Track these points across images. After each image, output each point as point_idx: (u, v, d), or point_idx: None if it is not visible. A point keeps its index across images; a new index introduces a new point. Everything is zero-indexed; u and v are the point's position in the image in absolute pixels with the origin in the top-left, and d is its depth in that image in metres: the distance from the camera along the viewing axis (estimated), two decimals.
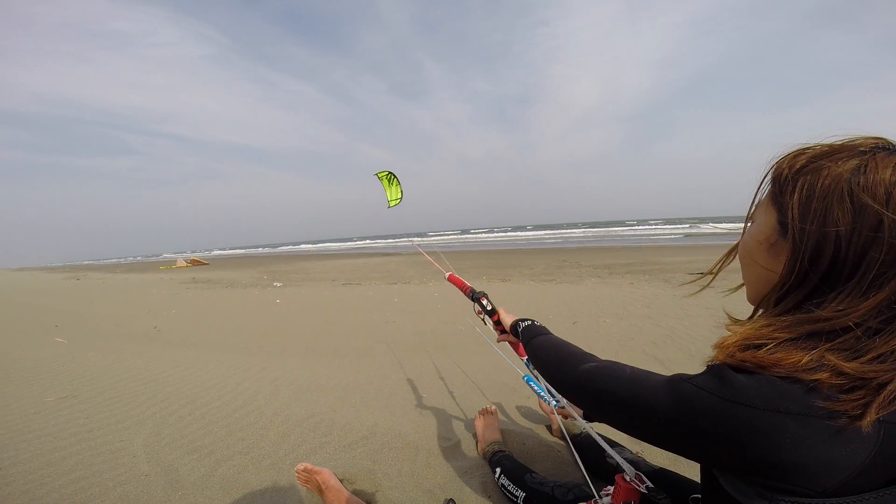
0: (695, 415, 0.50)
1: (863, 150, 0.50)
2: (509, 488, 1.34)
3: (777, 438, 0.45)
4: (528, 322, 1.05)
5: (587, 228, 43.41)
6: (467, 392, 2.45)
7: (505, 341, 1.24)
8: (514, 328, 1.10)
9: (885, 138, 0.52)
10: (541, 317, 1.13)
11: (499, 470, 1.43)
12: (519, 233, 45.66)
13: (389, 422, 2.09)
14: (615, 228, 37.51)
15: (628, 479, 0.94)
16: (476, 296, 1.28)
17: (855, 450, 0.45)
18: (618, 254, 12.44)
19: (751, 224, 0.61)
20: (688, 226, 32.06)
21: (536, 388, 1.62)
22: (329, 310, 5.68)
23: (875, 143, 0.51)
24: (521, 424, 1.98)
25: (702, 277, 0.72)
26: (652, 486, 0.92)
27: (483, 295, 1.27)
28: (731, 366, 0.52)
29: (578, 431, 1.63)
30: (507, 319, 1.17)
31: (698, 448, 0.52)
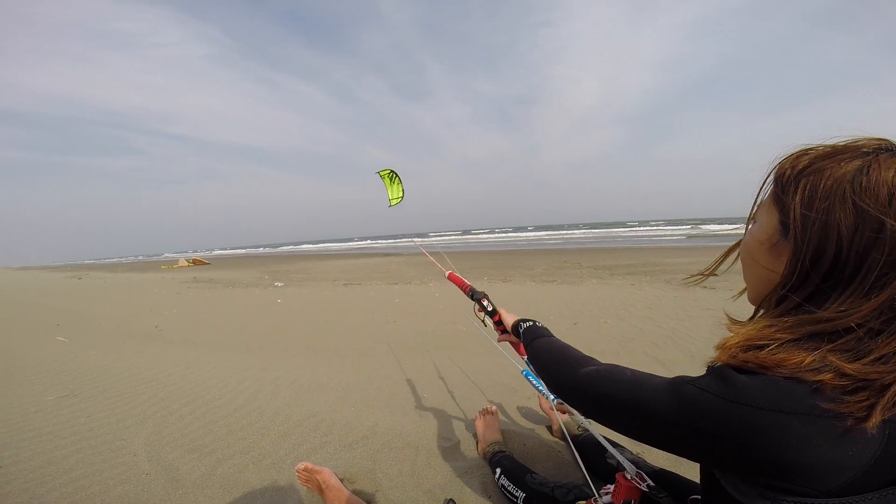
0: (698, 416, 0.50)
1: (865, 151, 0.50)
2: (509, 489, 1.34)
3: (782, 439, 0.45)
4: (529, 323, 1.04)
5: (588, 229, 43.38)
6: (468, 392, 2.45)
7: (506, 341, 1.24)
8: (515, 328, 1.10)
9: (887, 139, 0.52)
10: (542, 318, 1.14)
11: (499, 470, 1.43)
12: (520, 233, 45.66)
13: (390, 422, 2.09)
14: (616, 229, 37.47)
15: (629, 478, 0.94)
16: (477, 296, 1.28)
17: (860, 450, 0.45)
18: (619, 255, 12.42)
19: (753, 224, 0.61)
20: (689, 227, 32.01)
21: (535, 381, 1.63)
22: (330, 310, 5.68)
23: (878, 145, 0.51)
24: (522, 425, 1.98)
25: (701, 276, 0.72)
26: (653, 484, 0.92)
27: (484, 296, 1.27)
28: (734, 367, 0.52)
29: (579, 431, 1.63)
30: (508, 319, 1.17)
31: (701, 449, 0.52)
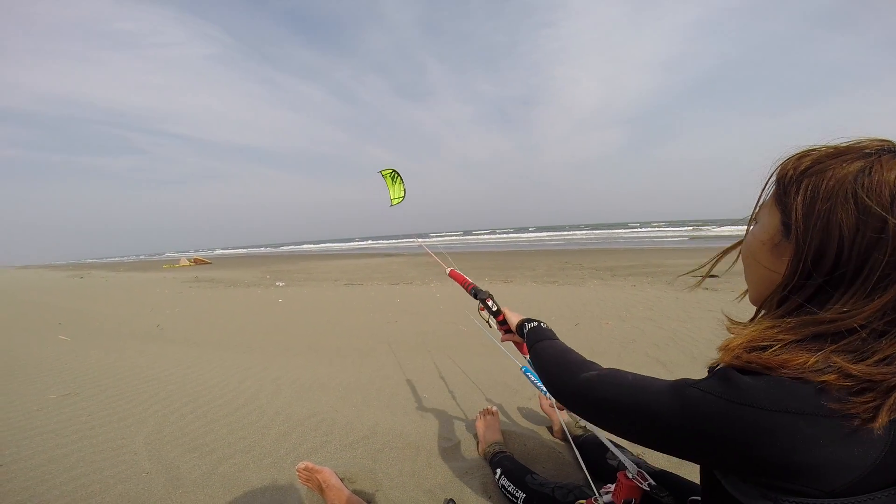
0: (701, 419, 0.50)
1: (868, 152, 0.50)
2: (509, 489, 1.34)
3: (788, 439, 0.45)
4: (534, 323, 1.03)
5: (589, 230, 43.34)
6: (468, 393, 2.45)
7: (509, 341, 1.21)
8: (519, 328, 1.08)
9: (890, 140, 0.52)
10: (543, 318, 1.13)
11: (499, 471, 1.43)
12: (521, 234, 45.64)
13: (391, 422, 2.09)
14: (618, 230, 37.43)
15: (630, 477, 0.94)
16: (481, 295, 1.25)
17: (866, 450, 0.45)
18: (620, 256, 12.41)
19: (754, 225, 0.61)
20: (691, 228, 31.96)
21: (534, 378, 1.63)
22: (331, 310, 5.69)
23: (880, 146, 0.51)
24: (522, 425, 1.98)
25: (692, 273, 0.73)
26: (654, 483, 0.92)
27: (489, 295, 1.24)
28: (737, 368, 0.52)
29: (580, 431, 1.63)
30: (512, 319, 1.15)
31: (705, 451, 0.52)
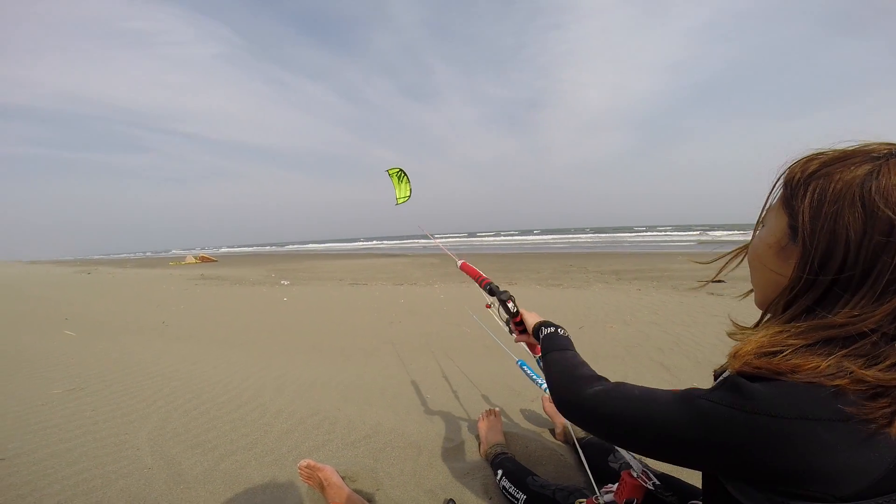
0: (714, 430, 0.50)
1: (876, 155, 0.50)
2: (510, 490, 1.33)
3: (806, 446, 0.44)
4: (551, 329, 0.98)
5: (595, 234, 43.17)
6: (471, 394, 2.44)
7: (523, 342, 1.17)
8: (536, 331, 1.03)
9: None
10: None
11: (500, 472, 1.43)
12: (526, 237, 45.57)
13: (393, 421, 2.09)
14: (623, 234, 37.26)
15: (635, 476, 0.93)
16: (501, 296, 1.16)
17: (881, 455, 0.44)
18: (626, 259, 12.35)
19: (761, 228, 0.61)
20: (698, 232, 31.77)
21: (529, 371, 1.62)
22: (335, 309, 5.70)
23: (888, 149, 0.50)
24: (525, 427, 1.97)
25: (709, 267, 0.72)
26: (658, 483, 0.91)
27: (510, 297, 1.15)
28: (746, 374, 0.52)
29: (583, 434, 1.62)
30: (530, 320, 1.09)
31: (716, 462, 0.51)
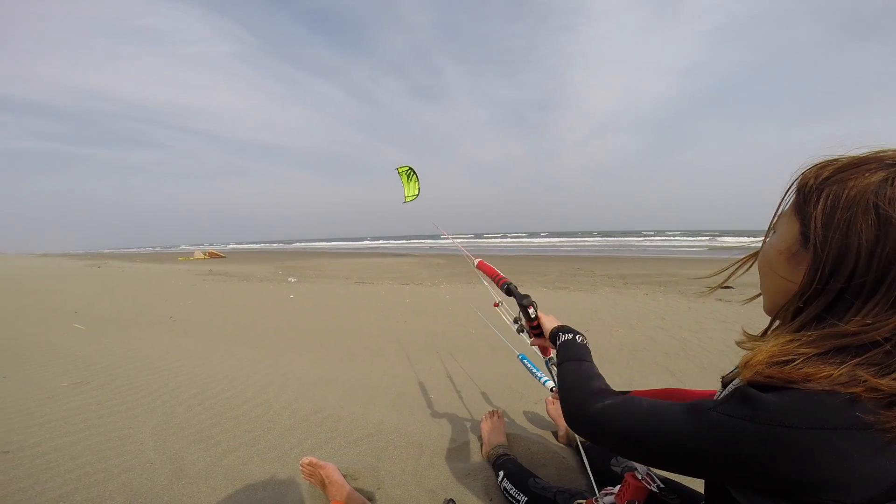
0: (726, 443, 0.49)
1: (890, 162, 0.49)
2: (511, 492, 1.32)
3: (821, 456, 0.44)
4: (569, 336, 0.94)
5: (602, 237, 42.94)
6: (475, 395, 2.44)
7: (538, 345, 1.15)
8: (553, 336, 1.00)
9: None
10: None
11: (502, 473, 1.42)
12: (533, 239, 45.48)
13: (396, 420, 2.08)
14: (631, 238, 37.01)
15: (639, 477, 0.92)
16: (523, 301, 1.11)
17: (895, 464, 0.44)
18: (633, 264, 12.26)
19: (772, 234, 0.61)
20: (707, 238, 31.47)
21: (529, 364, 1.62)
22: (342, 307, 5.72)
23: None
24: (528, 429, 1.96)
25: (715, 278, 0.71)
26: (662, 485, 0.90)
27: (532, 303, 1.10)
28: (757, 384, 0.51)
29: None
30: (547, 324, 1.05)
31: (727, 472, 0.51)
